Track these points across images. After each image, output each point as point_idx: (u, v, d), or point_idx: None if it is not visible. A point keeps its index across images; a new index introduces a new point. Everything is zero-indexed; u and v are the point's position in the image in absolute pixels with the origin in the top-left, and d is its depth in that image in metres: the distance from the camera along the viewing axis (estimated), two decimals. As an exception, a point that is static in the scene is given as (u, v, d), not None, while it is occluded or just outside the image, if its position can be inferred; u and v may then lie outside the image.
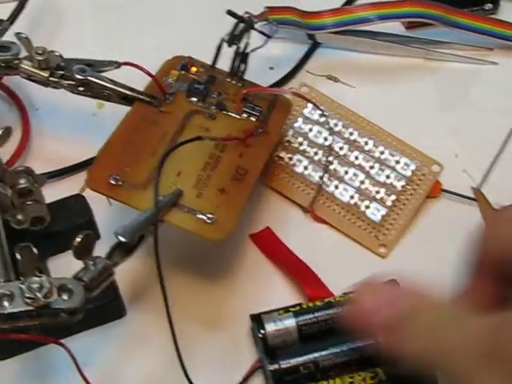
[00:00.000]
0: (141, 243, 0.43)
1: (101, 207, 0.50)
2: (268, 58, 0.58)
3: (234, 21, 0.52)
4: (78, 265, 0.42)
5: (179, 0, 0.61)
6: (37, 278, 0.39)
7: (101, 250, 0.43)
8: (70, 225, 0.49)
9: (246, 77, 0.53)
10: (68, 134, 0.55)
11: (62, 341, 0.43)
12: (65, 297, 0.39)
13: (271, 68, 0.58)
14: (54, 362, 0.46)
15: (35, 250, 0.40)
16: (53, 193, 0.50)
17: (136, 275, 0.49)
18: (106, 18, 0.60)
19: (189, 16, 0.60)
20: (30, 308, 0.39)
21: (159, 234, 0.45)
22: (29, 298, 0.38)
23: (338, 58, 0.59)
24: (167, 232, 0.46)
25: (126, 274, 0.48)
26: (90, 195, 0.48)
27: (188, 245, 0.49)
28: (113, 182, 0.46)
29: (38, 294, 0.38)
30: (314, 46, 0.59)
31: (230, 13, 0.51)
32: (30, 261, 0.40)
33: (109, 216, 0.50)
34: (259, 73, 0.56)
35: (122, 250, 0.42)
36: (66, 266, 0.48)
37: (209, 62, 0.53)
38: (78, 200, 0.50)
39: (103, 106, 0.55)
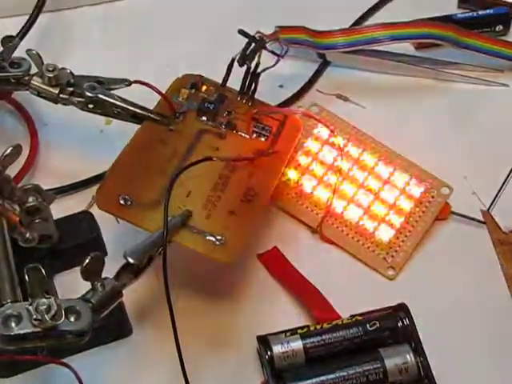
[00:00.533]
0: (150, 265, 0.43)
1: (108, 223, 0.50)
2: (278, 76, 0.58)
3: (244, 39, 0.52)
4: (85, 282, 0.42)
5: (190, 18, 0.61)
6: (45, 300, 0.38)
7: (108, 267, 0.43)
8: (77, 242, 0.49)
9: (256, 94, 0.53)
10: (76, 149, 0.54)
11: (68, 358, 0.43)
12: (72, 318, 0.39)
13: (281, 86, 0.58)
14: (58, 380, 0.45)
15: (43, 272, 0.40)
16: (60, 208, 0.50)
17: (143, 294, 0.48)
18: (116, 33, 0.60)
19: (200, 34, 0.60)
20: (38, 330, 0.38)
21: (167, 253, 0.45)
22: (36, 319, 0.38)
23: (348, 77, 0.59)
24: (173, 252, 0.46)
25: (132, 293, 0.47)
26: (98, 211, 0.48)
27: (194, 265, 0.49)
28: (122, 202, 0.46)
29: (46, 316, 0.38)
30: (324, 64, 0.59)
31: (242, 32, 0.51)
32: (39, 282, 0.40)
33: (116, 233, 0.50)
34: (269, 91, 0.56)
35: (131, 272, 0.42)
36: (72, 282, 0.47)
37: (219, 80, 0.53)
38: (86, 217, 0.50)
39: (111, 123, 0.54)
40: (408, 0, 0.63)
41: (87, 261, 0.40)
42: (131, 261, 0.42)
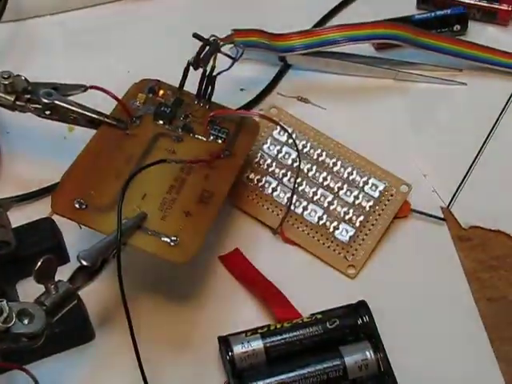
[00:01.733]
0: (104, 267, 0.43)
1: (70, 230, 0.50)
2: (239, 80, 0.58)
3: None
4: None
5: (150, 25, 0.62)
6: (-4, 303, 0.39)
7: (70, 273, 0.43)
8: (38, 248, 0.48)
9: (217, 98, 0.53)
10: (39, 157, 0.55)
11: (31, 365, 0.43)
12: (25, 321, 0.39)
13: (242, 89, 0.58)
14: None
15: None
16: (23, 216, 0.50)
17: (105, 298, 0.49)
18: (78, 43, 0.61)
19: (160, 40, 0.60)
20: (-11, 333, 0.38)
21: (129, 256, 0.45)
22: (-13, 323, 0.38)
23: (309, 80, 0.59)
24: (135, 254, 0.46)
25: (94, 297, 0.48)
26: (61, 218, 0.48)
27: (156, 267, 0.49)
28: (77, 205, 0.46)
29: (-3, 319, 0.38)
30: (285, 67, 0.59)
31: (196, 36, 0.51)
32: (-11, 286, 0.40)
33: (79, 239, 0.50)
34: (230, 94, 0.57)
35: (85, 274, 0.43)
36: (36, 289, 0.48)
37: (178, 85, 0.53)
38: (47, 223, 0.50)
39: (74, 130, 0.55)
40: (367, 2, 0.63)
41: (39, 264, 0.40)
42: (84, 263, 0.42)
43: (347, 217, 0.52)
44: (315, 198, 0.53)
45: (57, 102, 0.49)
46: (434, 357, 0.48)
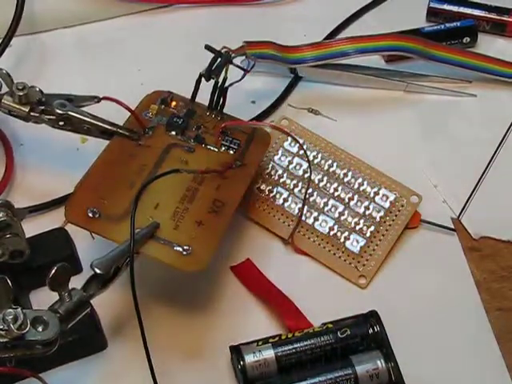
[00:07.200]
0: (117, 275, 0.44)
1: (83, 240, 0.50)
2: (250, 92, 0.59)
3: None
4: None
5: (162, 38, 0.62)
6: (11, 310, 0.39)
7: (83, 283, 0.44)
8: (51, 258, 0.49)
9: (228, 111, 0.54)
10: (52, 168, 0.55)
11: (43, 374, 0.43)
12: (40, 328, 0.40)
13: (253, 102, 0.59)
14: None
15: (10, 282, 0.40)
16: (36, 226, 0.51)
17: (118, 308, 0.49)
18: (91, 55, 0.61)
19: (173, 52, 0.61)
20: (5, 340, 0.39)
21: (141, 265, 0.46)
22: (3, 329, 0.39)
23: (320, 92, 0.60)
24: (148, 264, 0.47)
25: (107, 306, 0.48)
26: (74, 229, 0.49)
27: (169, 277, 0.50)
28: (90, 214, 0.46)
29: (12, 326, 0.38)
30: (296, 79, 0.60)
31: (208, 47, 0.52)
32: (5, 293, 0.40)
33: (92, 250, 0.50)
34: (241, 106, 0.57)
35: (98, 282, 0.43)
36: (49, 299, 0.48)
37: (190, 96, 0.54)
38: (60, 234, 0.51)
39: (86, 141, 0.55)
40: (378, 15, 0.64)
41: (53, 271, 0.40)
42: (98, 271, 0.42)
43: (358, 227, 0.52)
44: (326, 209, 0.53)
45: (70, 112, 0.50)
46: (444, 366, 0.48)
